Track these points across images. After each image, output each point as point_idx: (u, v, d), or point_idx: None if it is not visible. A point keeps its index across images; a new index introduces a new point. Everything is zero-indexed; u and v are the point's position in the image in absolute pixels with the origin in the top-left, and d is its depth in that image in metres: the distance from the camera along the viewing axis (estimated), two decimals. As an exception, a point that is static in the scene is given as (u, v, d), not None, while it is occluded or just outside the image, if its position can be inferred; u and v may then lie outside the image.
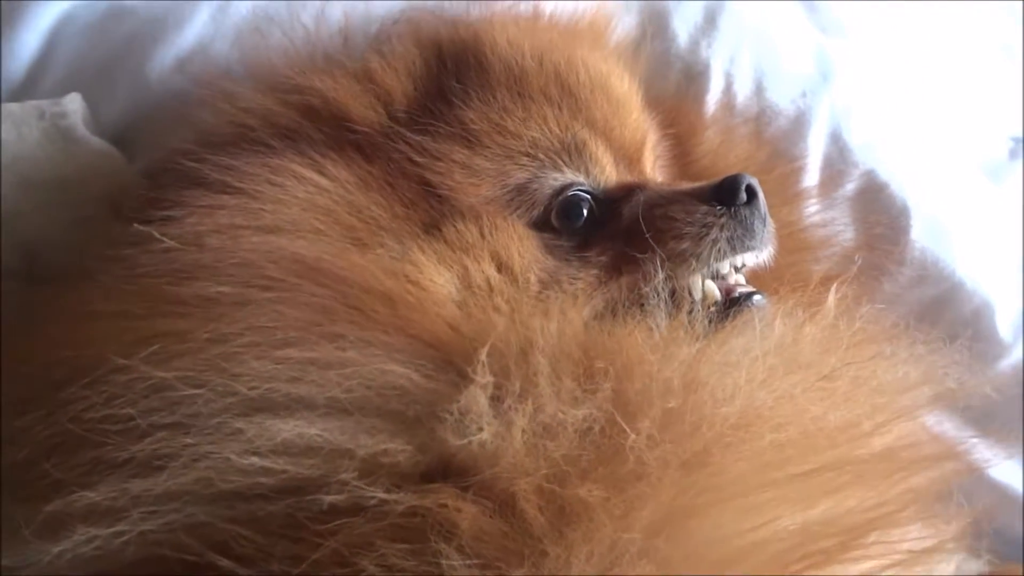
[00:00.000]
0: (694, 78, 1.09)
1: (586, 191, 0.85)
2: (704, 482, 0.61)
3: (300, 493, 0.59)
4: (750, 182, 0.82)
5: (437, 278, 0.75)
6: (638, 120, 0.92)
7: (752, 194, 0.82)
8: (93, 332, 0.67)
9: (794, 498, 0.61)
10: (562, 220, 0.83)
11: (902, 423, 0.70)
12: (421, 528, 0.57)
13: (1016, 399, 0.98)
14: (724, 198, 0.82)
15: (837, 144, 1.07)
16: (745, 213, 0.82)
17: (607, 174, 0.86)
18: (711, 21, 1.11)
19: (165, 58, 0.98)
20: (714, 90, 1.08)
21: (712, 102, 1.08)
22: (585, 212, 0.84)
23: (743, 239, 0.81)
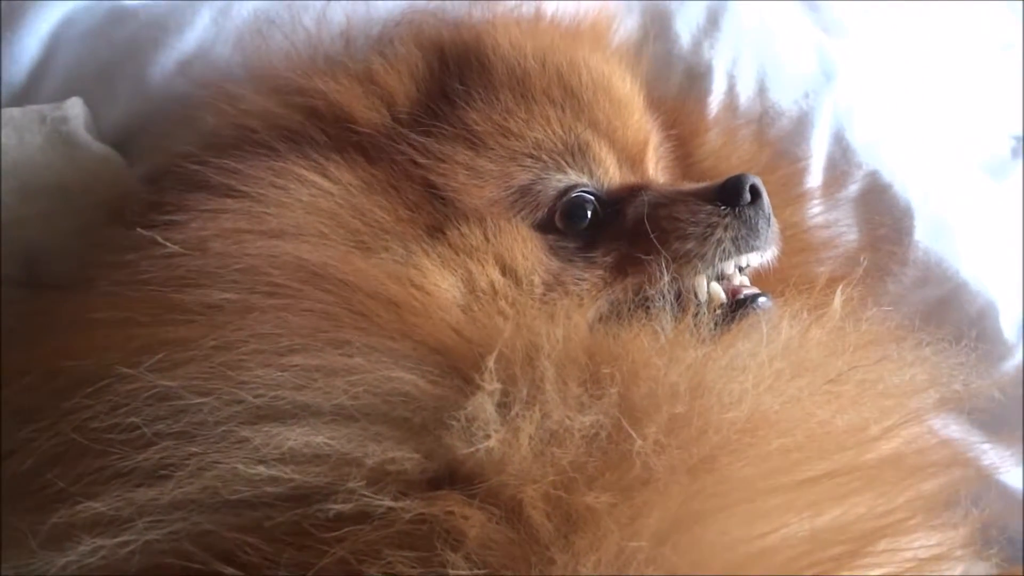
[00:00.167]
0: (696, 79, 1.08)
1: (590, 192, 0.84)
2: (711, 488, 0.60)
3: (307, 502, 0.59)
4: (754, 182, 0.82)
5: (441, 282, 0.75)
6: (641, 121, 0.91)
7: (756, 194, 0.82)
8: (96, 340, 0.66)
9: (802, 504, 0.61)
10: (566, 221, 0.83)
11: (910, 427, 0.70)
12: (428, 536, 0.57)
13: (1018, 400, 0.98)
14: (728, 198, 0.82)
15: (840, 144, 1.07)
16: (749, 213, 0.81)
17: (610, 175, 0.86)
18: (713, 22, 1.10)
19: (166, 61, 0.98)
20: (716, 91, 1.08)
21: (714, 103, 1.08)
22: (589, 213, 0.84)
23: (747, 239, 0.81)
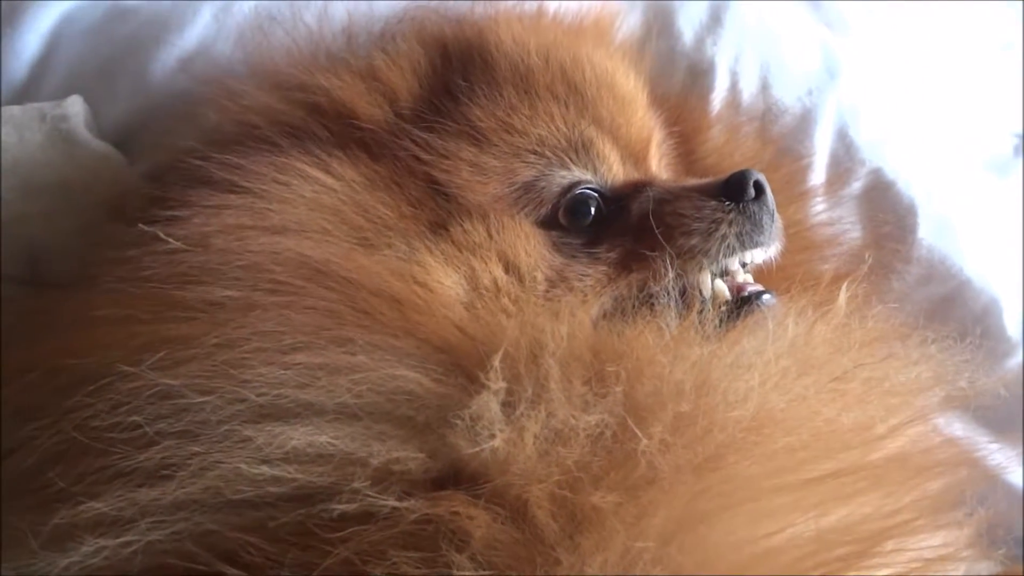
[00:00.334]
0: (699, 76, 1.08)
1: (594, 189, 0.84)
2: (717, 487, 0.60)
3: (311, 501, 0.58)
4: (758, 178, 0.82)
5: (445, 279, 0.74)
6: (644, 118, 0.91)
7: (760, 190, 0.82)
8: (97, 338, 0.66)
9: (808, 504, 0.60)
10: (570, 218, 0.83)
11: (916, 426, 0.69)
12: (433, 536, 0.57)
13: (1021, 398, 0.97)
14: (732, 194, 0.82)
15: (844, 142, 1.06)
16: (754, 209, 0.81)
17: (614, 172, 0.86)
18: (716, 19, 1.10)
19: (167, 59, 0.97)
20: (719, 88, 1.08)
21: (717, 100, 1.07)
22: (593, 210, 0.83)
23: (752, 235, 0.81)
